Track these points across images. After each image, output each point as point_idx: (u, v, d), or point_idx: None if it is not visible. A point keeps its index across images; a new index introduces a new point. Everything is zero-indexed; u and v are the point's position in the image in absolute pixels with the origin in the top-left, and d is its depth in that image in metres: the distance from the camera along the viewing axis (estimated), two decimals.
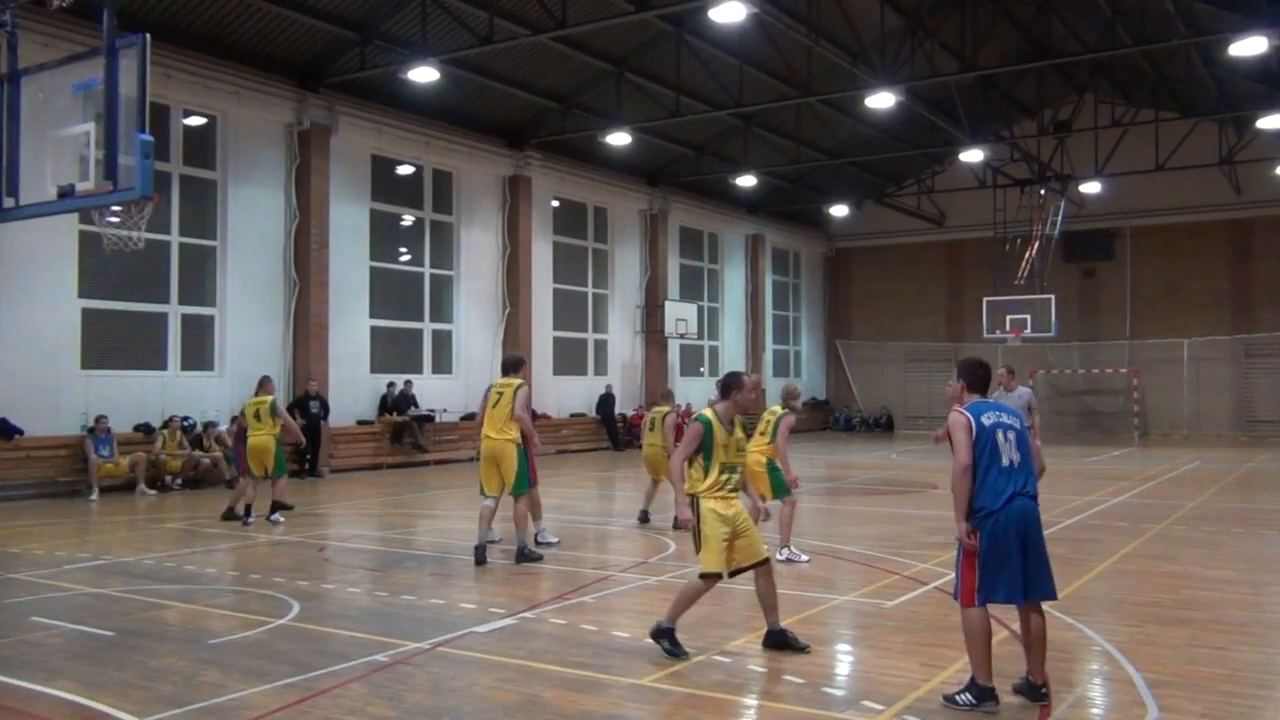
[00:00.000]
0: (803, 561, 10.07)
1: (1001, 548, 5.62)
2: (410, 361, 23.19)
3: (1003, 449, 5.74)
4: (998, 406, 5.96)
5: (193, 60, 18.04)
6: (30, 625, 7.68)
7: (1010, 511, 5.64)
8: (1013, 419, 5.87)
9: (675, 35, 22.25)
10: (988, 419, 5.81)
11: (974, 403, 5.97)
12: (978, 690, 5.65)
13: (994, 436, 5.75)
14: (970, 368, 6.15)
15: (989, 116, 27.49)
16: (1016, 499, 5.67)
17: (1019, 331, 30.81)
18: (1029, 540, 5.69)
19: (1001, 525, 5.63)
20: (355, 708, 5.72)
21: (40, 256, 16.31)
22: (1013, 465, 5.73)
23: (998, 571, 5.62)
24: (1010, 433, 5.81)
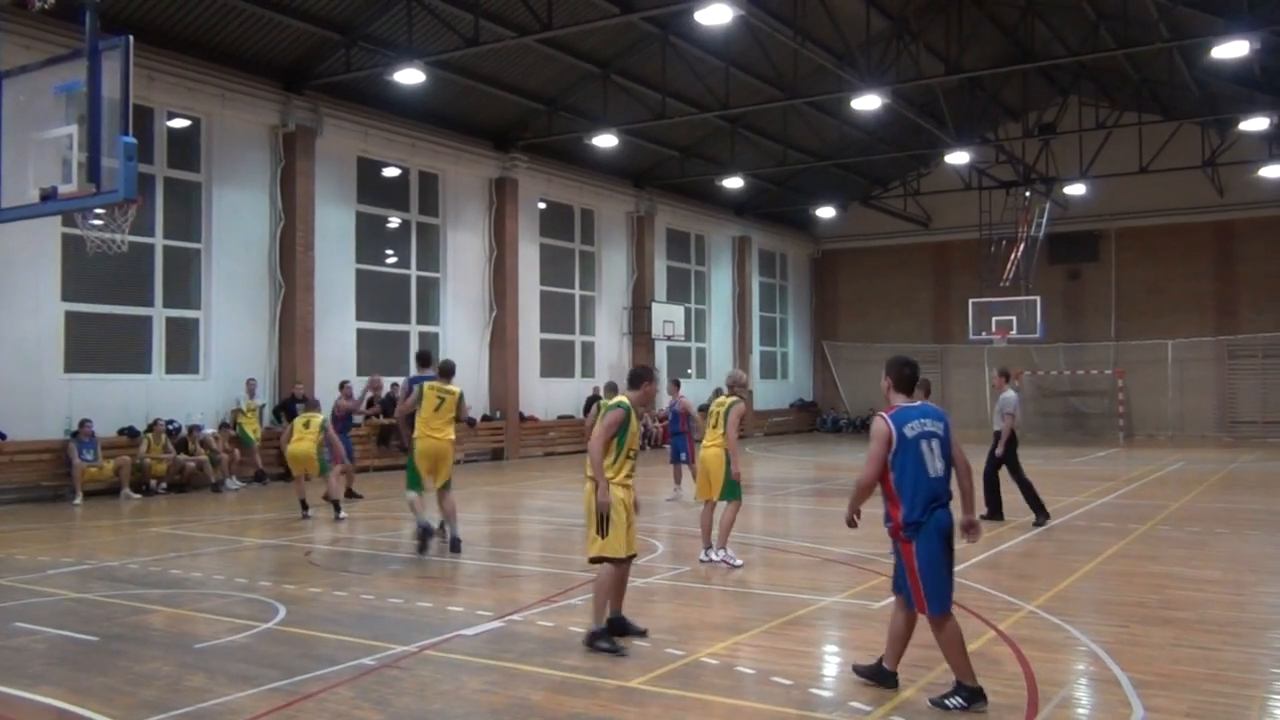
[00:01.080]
0: (737, 565, 9.93)
1: (940, 556, 5.77)
2: (397, 364, 23.10)
3: (927, 460, 5.79)
4: (923, 412, 5.93)
5: (177, 62, 17.95)
6: (13, 630, 7.62)
7: (935, 522, 5.76)
8: (936, 425, 5.88)
9: (661, 37, 22.27)
10: (911, 429, 5.80)
11: (900, 409, 5.93)
12: (967, 692, 5.69)
13: (918, 446, 5.78)
14: (897, 366, 6.10)
15: (974, 119, 27.61)
16: (938, 509, 5.79)
17: (1005, 333, 30.93)
18: (949, 548, 5.83)
19: (931, 535, 5.75)
20: (342, 711, 5.69)
21: (22, 259, 16.19)
22: (936, 475, 5.80)
23: (939, 579, 5.76)
24: (934, 441, 5.84)
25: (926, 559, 5.72)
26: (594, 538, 7.03)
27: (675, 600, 8.78)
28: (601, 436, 7.02)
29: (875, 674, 6.04)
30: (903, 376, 6.04)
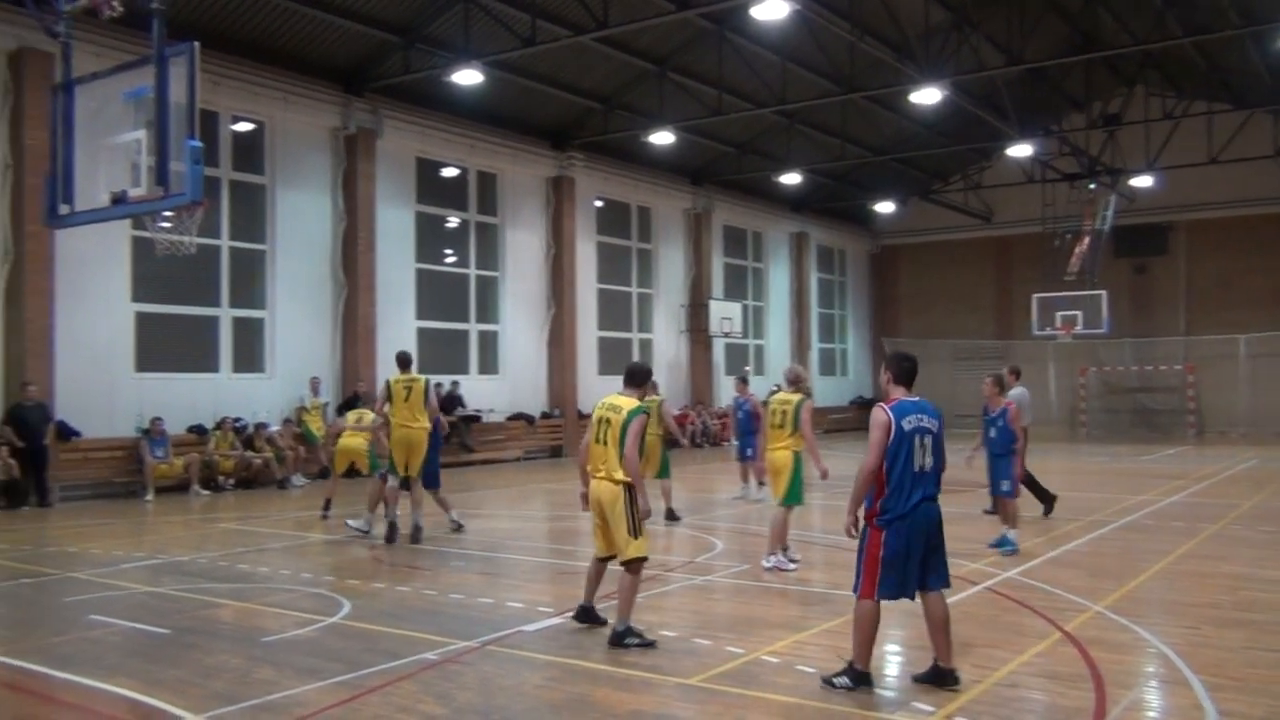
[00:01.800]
0: (790, 570, 9.62)
1: (905, 550, 5.86)
2: (457, 362, 23.34)
3: (917, 454, 5.93)
4: (920, 407, 6.06)
5: (241, 67, 18.30)
6: (90, 623, 7.83)
7: (917, 516, 5.88)
8: (932, 422, 6.03)
9: (717, 33, 22.19)
10: (908, 423, 5.95)
11: (899, 402, 6.07)
12: (855, 674, 5.92)
13: (912, 441, 5.92)
14: (898, 360, 6.29)
15: (1037, 110, 27.12)
16: (923, 503, 5.90)
17: (1070, 328, 30.36)
18: (932, 541, 5.95)
19: (908, 529, 5.86)
20: (406, 705, 5.76)
21: (94, 262, 16.63)
22: (923, 470, 5.93)
23: (899, 571, 5.86)
24: (928, 437, 5.98)
25: (893, 550, 5.85)
26: (629, 539, 6.99)
27: (735, 598, 8.76)
28: (636, 445, 6.95)
29: (934, 677, 5.99)
30: (903, 370, 6.23)
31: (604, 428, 7.06)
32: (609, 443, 7.01)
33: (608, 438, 7.02)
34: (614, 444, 6.98)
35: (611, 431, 7.00)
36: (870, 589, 5.92)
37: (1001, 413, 11.07)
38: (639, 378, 7.42)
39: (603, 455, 7.05)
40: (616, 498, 6.99)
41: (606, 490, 7.02)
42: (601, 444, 7.07)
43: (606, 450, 7.02)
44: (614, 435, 6.99)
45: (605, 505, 7.04)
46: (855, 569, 6.04)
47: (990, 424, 11.17)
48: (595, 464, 7.13)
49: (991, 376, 11.47)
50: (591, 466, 7.18)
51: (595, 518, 7.20)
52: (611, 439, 7.00)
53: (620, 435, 6.95)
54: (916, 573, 5.89)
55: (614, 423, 7.01)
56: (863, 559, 5.99)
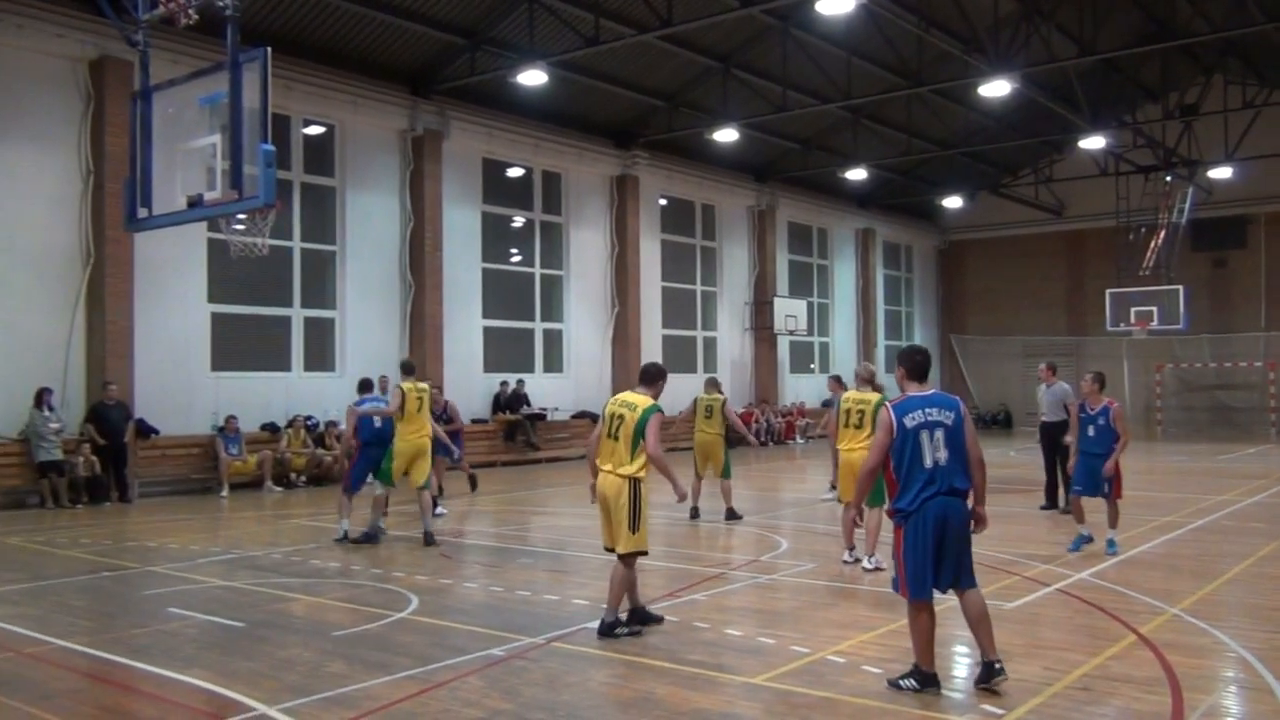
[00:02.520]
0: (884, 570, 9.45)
1: (920, 547, 5.81)
2: (522, 361, 23.53)
3: (925, 450, 5.86)
4: (929, 401, 5.98)
5: (311, 71, 18.64)
6: (168, 616, 8.05)
7: (926, 512, 5.82)
8: (945, 414, 5.93)
9: (782, 29, 22.06)
10: (911, 420, 5.89)
11: (905, 399, 6.02)
12: (920, 675, 5.86)
13: (916, 438, 5.87)
14: (909, 354, 6.22)
15: (1110, 101, 26.50)
16: (936, 498, 5.82)
17: (1145, 324, 29.63)
18: (947, 537, 5.84)
19: (918, 526, 5.82)
20: (473, 700, 5.83)
21: (172, 264, 17.06)
22: (936, 465, 5.85)
23: (918, 569, 5.84)
24: (938, 430, 5.89)
25: (910, 544, 5.83)
26: (628, 533, 7.11)
27: (800, 597, 8.70)
28: (658, 437, 7.12)
29: (984, 674, 5.90)
30: (914, 364, 6.16)
31: (616, 423, 7.20)
32: (620, 438, 7.15)
33: (619, 433, 7.16)
34: (625, 440, 7.12)
35: (624, 428, 7.14)
36: (914, 588, 5.89)
37: (1102, 411, 10.48)
38: (652, 377, 7.55)
39: (612, 450, 7.20)
40: (621, 491, 7.13)
41: (612, 484, 7.17)
42: (613, 439, 7.21)
43: (616, 445, 7.17)
44: (626, 432, 7.13)
45: (611, 498, 7.19)
46: (893, 569, 6.08)
47: (1089, 422, 10.57)
48: (604, 458, 7.26)
49: (1091, 374, 11.01)
50: (600, 461, 7.30)
51: (602, 510, 7.33)
52: (624, 435, 7.14)
53: (634, 433, 7.09)
54: (933, 569, 5.81)
55: (628, 420, 7.15)
56: (894, 557, 6.03)
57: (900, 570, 5.94)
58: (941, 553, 5.83)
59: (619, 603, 7.21)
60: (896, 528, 5.95)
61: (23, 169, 15.64)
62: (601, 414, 7.46)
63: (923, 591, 5.85)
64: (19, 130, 15.61)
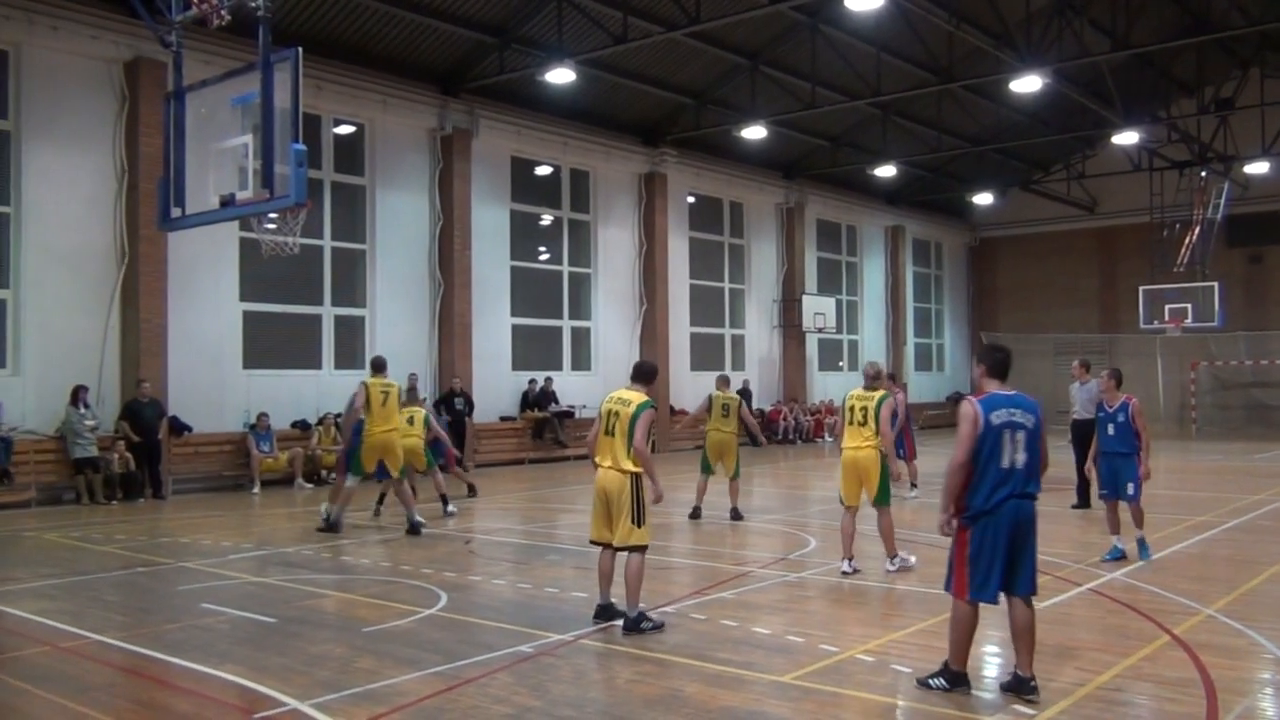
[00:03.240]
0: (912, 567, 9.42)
1: (990, 549, 5.68)
2: (550, 359, 23.59)
3: (1005, 450, 5.72)
4: (1014, 401, 5.86)
5: (341, 71, 18.76)
6: (201, 611, 8.14)
7: (1002, 514, 5.68)
8: (1026, 416, 5.81)
9: (810, 26, 21.97)
10: (997, 417, 5.75)
11: (989, 395, 5.89)
12: (950, 675, 5.80)
13: (1000, 436, 5.72)
14: (990, 352, 6.14)
15: (1144, 96, 26.20)
16: (1010, 500, 5.69)
17: (1179, 321, 29.27)
18: (1018, 541, 5.73)
19: (992, 527, 5.68)
20: (501, 696, 5.86)
21: (205, 263, 17.24)
22: (1012, 466, 5.71)
23: (986, 572, 5.69)
24: (1020, 432, 5.76)
25: (979, 546, 5.70)
26: (632, 528, 7.20)
27: (828, 596, 8.68)
28: (645, 435, 7.25)
29: (1014, 685, 5.77)
30: (996, 362, 6.05)
31: (612, 420, 7.32)
32: (617, 434, 7.26)
33: (616, 430, 7.27)
34: (622, 436, 7.24)
35: (620, 424, 7.27)
36: (960, 588, 5.78)
37: (1121, 408, 10.14)
38: (648, 375, 7.68)
39: (610, 446, 7.30)
40: (623, 487, 7.22)
41: (613, 479, 7.25)
42: (610, 435, 7.31)
43: (614, 441, 7.28)
44: (622, 428, 7.26)
45: (612, 494, 7.26)
46: (947, 566, 5.93)
47: (1108, 420, 10.23)
48: (603, 454, 7.35)
49: (1108, 370, 10.80)
50: (599, 457, 7.38)
51: (599, 504, 7.38)
52: (620, 431, 7.26)
53: (629, 428, 7.20)
54: (1000, 574, 5.70)
55: (623, 416, 7.28)
56: (952, 557, 5.89)
57: (961, 570, 5.78)
58: (1010, 557, 5.72)
59: (637, 597, 7.26)
60: (961, 528, 5.78)
61: (59, 169, 15.84)
62: (599, 411, 7.53)
63: (983, 594, 5.73)
64: (55, 131, 15.81)
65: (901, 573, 9.25)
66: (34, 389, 15.39)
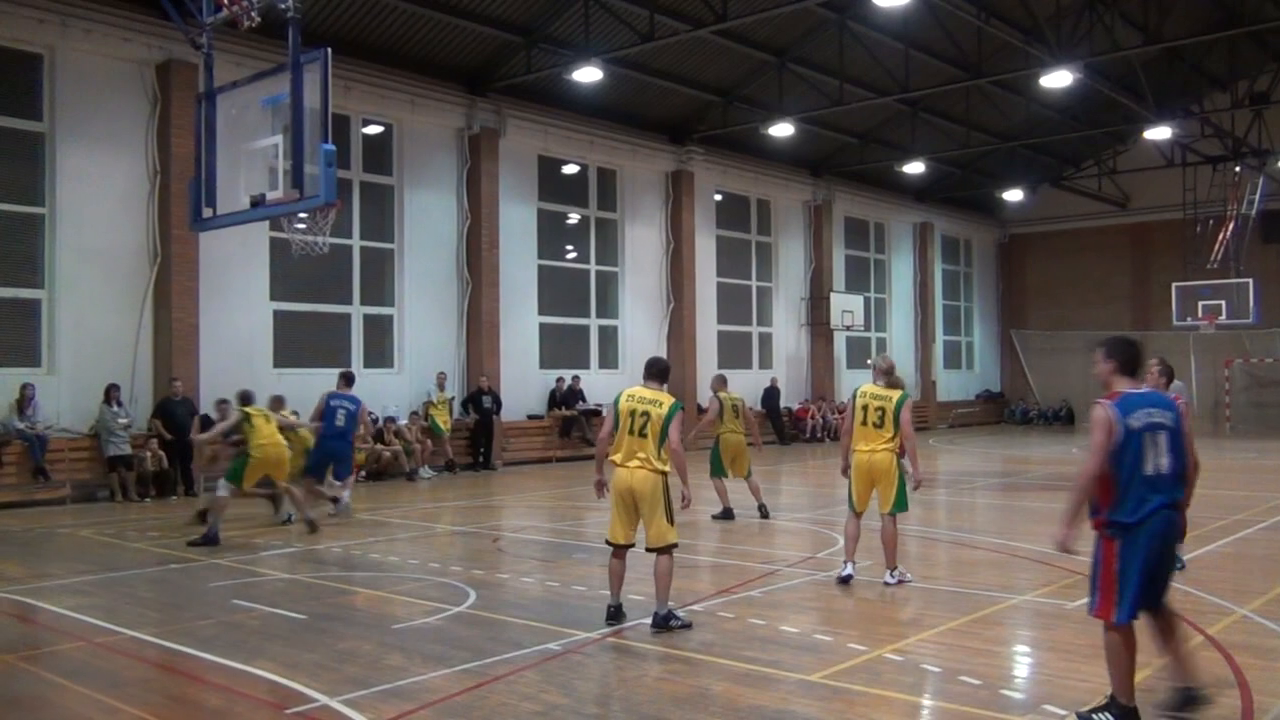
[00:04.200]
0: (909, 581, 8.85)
1: (1142, 564, 5.09)
2: (577, 357, 23.62)
3: (1148, 455, 5.12)
4: (1150, 400, 5.29)
5: (370, 71, 18.86)
6: (232, 608, 8.22)
7: (1153, 526, 5.11)
8: (1165, 415, 5.21)
9: (838, 22, 21.88)
10: (1136, 420, 5.13)
11: (1123, 396, 5.23)
12: (1119, 710, 5.16)
13: (1141, 441, 5.12)
14: (1123, 346, 5.42)
15: (1176, 91, 25.91)
16: (1161, 511, 5.12)
17: (1213, 318, 28.91)
18: (1166, 554, 5.22)
19: (1141, 541, 5.09)
20: (529, 694, 5.87)
21: (236, 262, 17.39)
22: (1158, 472, 5.13)
23: (1135, 587, 5.09)
24: (1161, 433, 5.17)
25: (1130, 562, 5.08)
26: (666, 526, 7.22)
27: (857, 595, 8.64)
28: (680, 435, 7.30)
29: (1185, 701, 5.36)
30: (1128, 358, 5.37)
31: (642, 420, 7.26)
32: (649, 435, 7.20)
33: (648, 430, 7.23)
34: (654, 436, 7.20)
35: (652, 425, 7.23)
36: (1107, 609, 5.14)
37: None
38: (663, 372, 7.67)
39: (640, 446, 7.25)
40: (656, 486, 7.21)
41: (646, 479, 7.20)
42: (639, 435, 7.25)
43: (645, 442, 7.23)
44: (654, 428, 7.21)
45: (644, 493, 7.22)
46: (1090, 586, 5.28)
47: None
48: (629, 454, 7.28)
49: (1156, 360, 10.04)
50: (622, 456, 7.31)
51: (623, 506, 7.34)
52: (652, 432, 7.23)
53: (662, 429, 7.21)
54: (1142, 590, 5.13)
55: (654, 416, 7.23)
56: (1097, 575, 5.22)
57: (1109, 591, 5.14)
58: (1153, 572, 5.17)
59: (667, 595, 7.27)
60: (1107, 540, 5.14)
61: (92, 171, 16.03)
62: (615, 410, 7.45)
63: (1131, 613, 5.12)
64: (89, 133, 16.00)
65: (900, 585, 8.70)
66: (68, 388, 15.59)
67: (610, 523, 7.48)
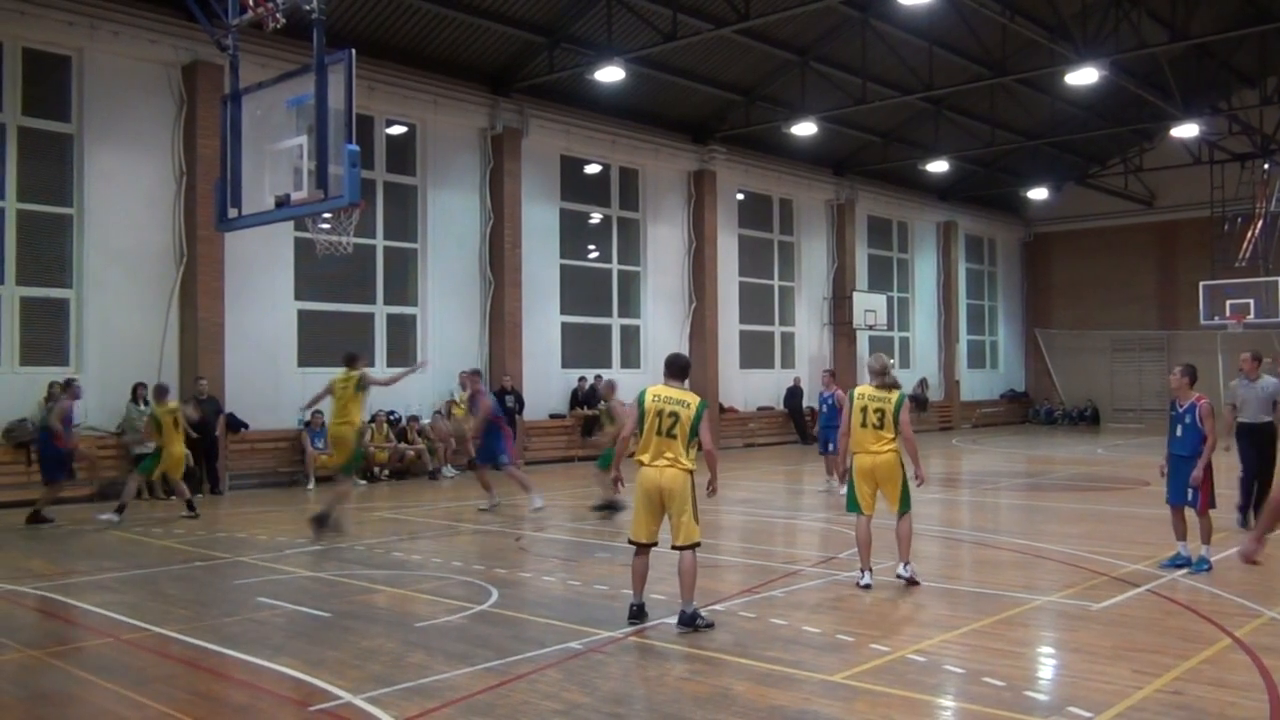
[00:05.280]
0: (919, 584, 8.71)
1: None
2: (599, 356, 23.63)
3: None
4: None
5: (393, 72, 18.95)
6: (257, 605, 8.28)
7: None
8: None
9: (861, 20, 21.79)
10: None
11: None
12: None
13: None
14: None
15: (1203, 88, 25.65)
16: None
17: (1241, 318, 28.61)
18: None
19: None
20: (551, 693, 5.89)
21: (261, 263, 17.51)
22: None
23: None
24: None
25: None
26: (692, 524, 7.29)
27: (879, 595, 8.60)
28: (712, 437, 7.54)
29: None
30: None
31: (670, 421, 7.29)
32: (678, 435, 7.26)
33: (676, 431, 7.29)
34: (683, 436, 7.26)
35: (681, 426, 7.28)
36: None
37: (1189, 408, 9.43)
38: (684, 369, 7.68)
39: (668, 446, 7.30)
40: (685, 484, 7.27)
41: (676, 478, 7.25)
42: (667, 435, 7.31)
43: (674, 442, 7.29)
44: (684, 429, 7.28)
45: (674, 491, 7.27)
46: None
47: (1177, 421, 9.59)
48: (656, 453, 7.32)
49: (1180, 366, 9.84)
50: (650, 455, 7.34)
51: (649, 504, 7.36)
52: (681, 432, 7.28)
53: (692, 429, 7.29)
54: None
55: (683, 417, 7.29)
56: None
57: None
58: None
59: (693, 593, 7.30)
60: None
61: (119, 171, 16.19)
62: (640, 408, 7.42)
63: None
64: (116, 134, 16.16)
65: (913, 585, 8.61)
66: (95, 386, 15.72)
67: (634, 521, 7.49)
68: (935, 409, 32.69)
